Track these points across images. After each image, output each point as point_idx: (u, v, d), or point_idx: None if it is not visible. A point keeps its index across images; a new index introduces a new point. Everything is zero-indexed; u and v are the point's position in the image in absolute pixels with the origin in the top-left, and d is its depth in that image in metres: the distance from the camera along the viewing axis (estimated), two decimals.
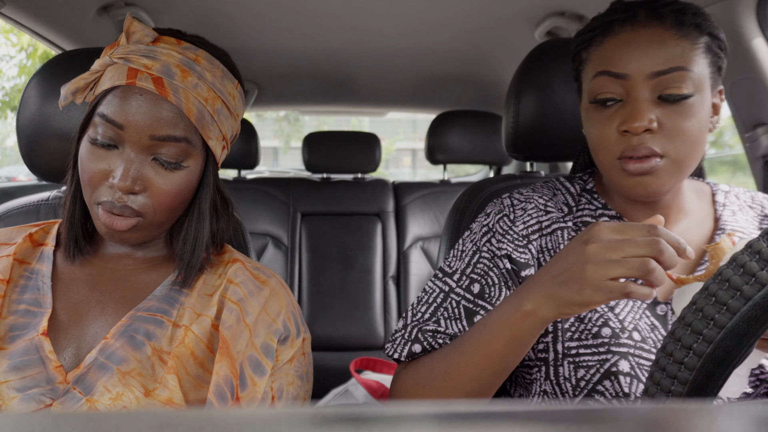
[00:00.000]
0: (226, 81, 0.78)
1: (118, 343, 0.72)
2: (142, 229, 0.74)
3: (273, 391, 0.74)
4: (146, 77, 0.71)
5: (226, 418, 0.22)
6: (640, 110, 0.72)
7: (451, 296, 0.81)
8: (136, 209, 0.72)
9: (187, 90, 0.73)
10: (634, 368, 0.75)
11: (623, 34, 0.75)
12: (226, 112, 0.78)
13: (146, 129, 0.70)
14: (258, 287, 0.78)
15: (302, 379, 0.77)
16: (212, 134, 0.76)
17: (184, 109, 0.72)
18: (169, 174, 0.73)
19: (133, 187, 0.71)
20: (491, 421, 0.23)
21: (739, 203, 0.87)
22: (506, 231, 0.82)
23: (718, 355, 0.44)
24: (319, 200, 2.26)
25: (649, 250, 0.58)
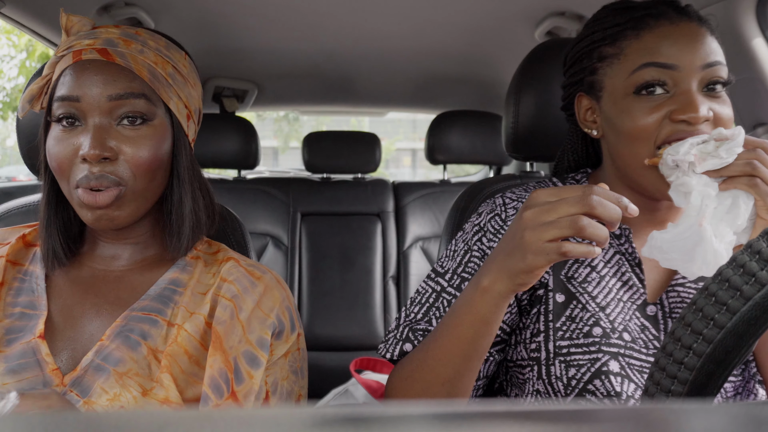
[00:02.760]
0: (173, 50, 0.79)
1: (113, 344, 0.72)
2: (127, 202, 0.73)
3: (267, 385, 0.74)
4: (90, 51, 0.72)
5: (226, 418, 0.22)
6: (696, 101, 0.72)
7: (442, 296, 0.81)
8: (114, 177, 0.71)
9: (134, 54, 0.73)
10: (624, 368, 0.75)
11: (663, 27, 0.75)
12: (180, 79, 0.78)
13: (102, 92, 0.71)
14: (252, 283, 0.78)
15: (297, 374, 0.77)
16: (171, 96, 0.76)
17: (135, 70, 0.73)
18: (137, 133, 0.72)
19: (104, 153, 0.70)
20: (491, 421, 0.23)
21: None
22: (497, 230, 0.82)
23: (718, 355, 0.44)
24: (319, 200, 2.26)
25: (579, 206, 0.58)
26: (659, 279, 0.81)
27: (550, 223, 0.59)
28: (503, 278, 0.63)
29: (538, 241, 0.59)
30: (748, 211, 0.68)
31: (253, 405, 0.72)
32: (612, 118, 0.78)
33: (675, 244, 0.67)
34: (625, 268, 0.80)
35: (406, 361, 0.77)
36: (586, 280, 0.80)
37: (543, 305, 0.80)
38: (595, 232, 0.58)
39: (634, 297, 0.79)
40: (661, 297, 0.80)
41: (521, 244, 0.61)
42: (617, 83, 0.77)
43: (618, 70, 0.77)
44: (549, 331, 0.78)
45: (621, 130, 0.76)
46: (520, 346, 0.81)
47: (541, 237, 0.59)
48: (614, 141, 0.79)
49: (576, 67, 0.84)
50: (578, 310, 0.78)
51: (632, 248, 0.80)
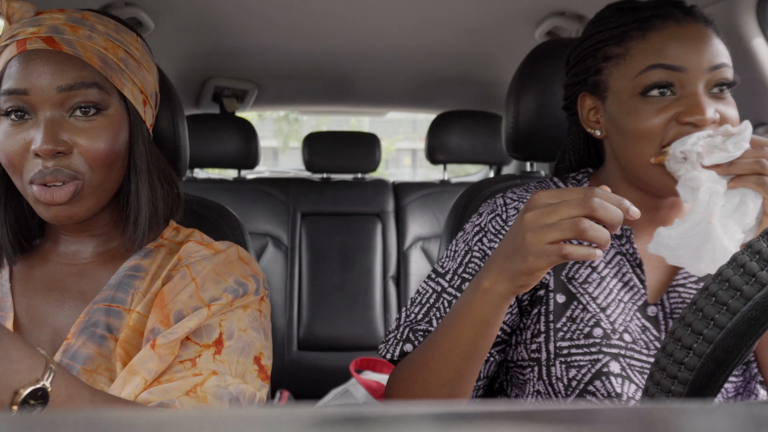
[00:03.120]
0: (123, 32, 0.75)
1: (79, 341, 0.70)
2: (85, 197, 0.70)
3: (222, 328, 0.70)
4: (35, 40, 0.69)
5: (226, 418, 0.22)
6: (703, 103, 0.72)
7: (443, 296, 0.81)
8: (70, 171, 0.68)
9: (82, 41, 0.70)
10: (624, 369, 0.75)
11: (670, 28, 0.75)
12: (133, 63, 0.74)
13: (51, 84, 0.67)
14: (212, 254, 0.76)
15: (258, 332, 0.74)
16: (125, 82, 0.72)
17: (84, 57, 0.69)
18: (91, 125, 0.69)
19: (57, 147, 0.67)
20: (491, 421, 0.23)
21: None
22: (498, 231, 0.82)
23: (718, 356, 0.44)
24: (319, 200, 2.26)
25: (580, 209, 0.58)
26: (660, 280, 0.81)
27: (552, 225, 0.59)
28: (504, 280, 0.63)
29: (539, 243, 0.59)
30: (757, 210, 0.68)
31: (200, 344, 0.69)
32: (617, 119, 0.77)
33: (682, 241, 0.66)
34: (626, 269, 0.80)
35: (406, 362, 0.77)
36: (586, 281, 0.80)
37: (543, 306, 0.80)
38: (597, 234, 0.58)
39: (635, 298, 0.79)
40: (661, 298, 0.79)
41: (522, 245, 0.60)
42: (623, 84, 0.77)
43: (624, 70, 0.77)
44: (549, 332, 0.78)
45: (627, 131, 0.76)
46: (521, 347, 0.81)
47: (542, 239, 0.59)
48: (619, 141, 0.78)
49: (579, 67, 0.83)
50: (579, 310, 0.78)
51: (633, 249, 0.80)
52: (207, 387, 0.66)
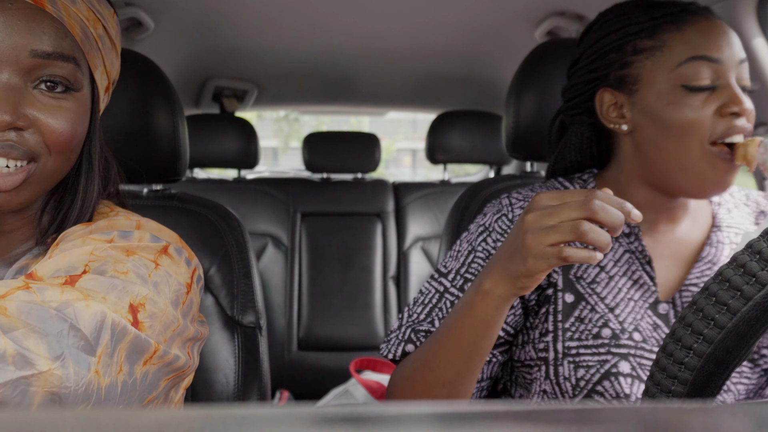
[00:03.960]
0: (103, 5, 0.65)
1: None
2: (32, 184, 0.59)
3: (87, 267, 0.56)
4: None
5: (226, 418, 0.22)
6: (740, 94, 0.74)
7: (445, 296, 0.81)
8: (26, 148, 0.57)
9: (65, 3, 0.59)
10: (635, 369, 0.75)
11: (702, 23, 0.76)
12: (108, 43, 0.65)
13: (24, 44, 0.56)
14: (87, 226, 0.63)
15: (146, 282, 0.58)
16: (98, 64, 0.63)
17: (67, 24, 0.58)
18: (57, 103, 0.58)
19: (16, 121, 0.55)
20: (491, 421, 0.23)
21: (734, 201, 0.87)
22: (504, 230, 0.81)
23: (718, 356, 0.44)
24: (319, 200, 2.26)
25: (581, 211, 0.58)
26: (672, 278, 0.81)
27: (552, 227, 0.59)
28: (504, 281, 0.63)
29: (539, 245, 0.59)
30: None
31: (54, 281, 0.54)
32: (657, 111, 0.77)
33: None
34: (636, 267, 0.80)
35: (407, 362, 0.77)
36: (594, 280, 0.79)
37: (552, 305, 0.79)
38: (597, 237, 0.58)
39: (645, 296, 0.79)
40: (674, 296, 0.79)
41: (522, 247, 0.60)
42: (660, 75, 0.76)
43: (661, 62, 0.76)
44: (558, 331, 0.78)
45: (670, 123, 0.76)
46: (528, 346, 0.81)
47: (542, 241, 0.59)
48: (656, 134, 0.77)
49: (599, 63, 0.82)
50: (587, 311, 0.78)
51: (642, 246, 0.79)
52: (9, 299, 0.49)
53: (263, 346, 0.98)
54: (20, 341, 0.48)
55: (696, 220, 0.84)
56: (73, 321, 0.50)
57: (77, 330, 0.50)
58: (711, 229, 0.83)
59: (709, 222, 0.84)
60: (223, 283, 0.97)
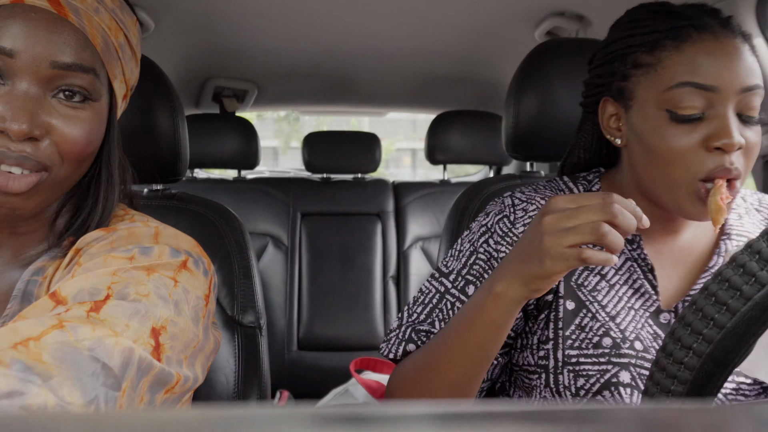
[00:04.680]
0: (126, 13, 0.65)
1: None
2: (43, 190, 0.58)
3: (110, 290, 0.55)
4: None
5: (226, 418, 0.22)
6: (731, 126, 0.68)
7: (446, 297, 0.80)
8: (39, 160, 0.56)
9: (89, 13, 0.59)
10: (635, 379, 0.74)
11: (706, 42, 0.70)
12: (129, 51, 0.65)
13: (45, 54, 0.56)
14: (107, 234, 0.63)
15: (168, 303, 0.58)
16: (117, 73, 0.63)
17: (89, 35, 0.58)
18: (74, 113, 0.58)
19: (32, 131, 0.55)
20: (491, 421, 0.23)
21: (746, 206, 0.84)
22: (506, 233, 0.80)
23: (718, 355, 0.44)
24: (319, 200, 2.26)
25: (601, 214, 0.58)
26: (674, 287, 0.79)
27: (571, 229, 0.58)
28: (517, 284, 0.63)
29: (558, 246, 0.59)
30: None
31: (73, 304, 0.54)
32: (642, 134, 0.74)
33: None
34: (637, 275, 0.78)
35: (409, 362, 0.76)
36: (595, 288, 0.78)
37: (553, 312, 0.78)
38: (614, 239, 0.58)
39: (646, 304, 0.77)
40: (676, 305, 0.77)
41: (540, 249, 0.60)
42: (651, 96, 0.72)
43: (653, 81, 0.72)
44: (558, 339, 0.77)
45: (652, 150, 0.72)
46: (527, 351, 0.80)
47: (561, 242, 0.59)
48: (641, 157, 0.75)
49: (605, 69, 0.78)
50: (588, 319, 0.77)
51: (644, 254, 0.78)
52: (44, 342, 0.49)
53: (263, 346, 0.98)
54: (57, 390, 0.47)
55: (703, 228, 0.81)
56: (104, 360, 0.50)
57: (108, 369, 0.50)
58: (720, 237, 0.80)
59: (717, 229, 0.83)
60: (223, 283, 0.97)
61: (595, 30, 1.51)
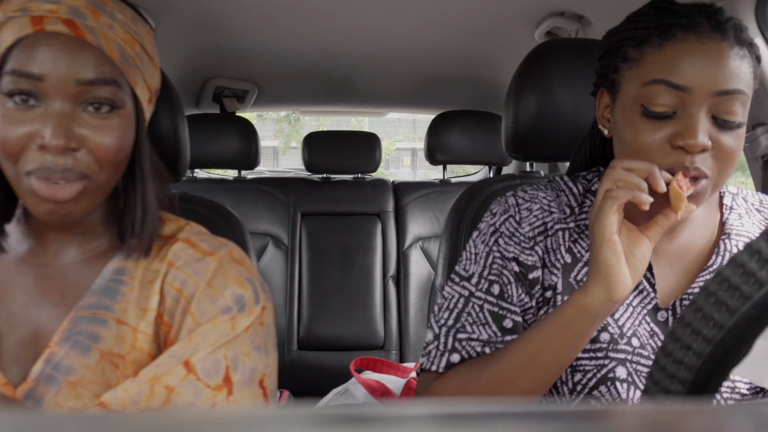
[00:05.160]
0: (139, 24, 0.71)
1: (63, 350, 0.66)
2: (87, 196, 0.65)
3: (227, 360, 0.66)
4: (54, 21, 0.63)
5: (226, 418, 0.22)
6: (698, 128, 0.68)
7: (472, 300, 0.80)
8: (79, 170, 0.63)
9: (103, 30, 0.65)
10: (631, 374, 0.74)
11: (688, 42, 0.70)
12: (146, 58, 0.71)
13: (70, 74, 0.62)
14: (204, 263, 0.70)
15: (260, 351, 0.69)
16: (138, 80, 0.69)
17: (106, 50, 0.65)
18: (104, 122, 0.65)
19: (70, 144, 0.62)
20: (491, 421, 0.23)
21: (747, 206, 0.85)
22: (512, 233, 0.81)
23: (717, 355, 0.44)
24: (319, 200, 2.26)
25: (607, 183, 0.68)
26: (672, 286, 0.79)
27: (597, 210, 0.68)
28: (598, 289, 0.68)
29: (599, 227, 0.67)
30: None
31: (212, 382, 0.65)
32: (619, 125, 0.76)
33: None
34: None
35: (466, 377, 0.76)
36: None
37: (551, 308, 0.79)
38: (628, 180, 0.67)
39: (644, 302, 0.78)
40: (674, 303, 0.78)
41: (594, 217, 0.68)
42: (630, 90, 0.74)
43: (634, 76, 0.74)
44: None
45: (624, 141, 0.74)
46: None
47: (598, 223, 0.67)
48: (618, 148, 0.77)
49: (604, 61, 0.80)
50: None
51: None
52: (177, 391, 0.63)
53: None
54: None
55: (701, 226, 0.81)
56: None
57: None
58: (720, 236, 0.81)
59: (717, 228, 0.82)
60: None
61: (595, 30, 1.51)
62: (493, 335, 0.78)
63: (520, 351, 0.72)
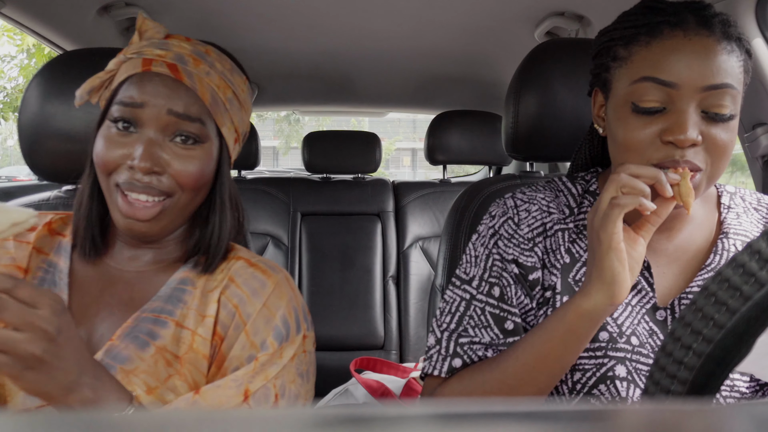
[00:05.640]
0: (235, 74, 0.81)
1: (122, 344, 0.72)
2: (166, 216, 0.74)
3: (276, 389, 0.72)
4: (161, 64, 0.74)
5: (226, 418, 0.22)
6: (688, 123, 0.69)
7: (473, 303, 0.81)
8: (161, 189, 0.72)
9: (200, 75, 0.75)
10: (630, 373, 0.74)
11: (674, 39, 0.71)
12: (236, 104, 0.80)
13: (165, 105, 0.72)
14: (262, 283, 0.77)
15: (303, 377, 0.76)
16: (225, 121, 0.78)
17: (198, 92, 0.74)
18: (187, 152, 0.74)
19: (153, 167, 0.71)
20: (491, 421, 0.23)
21: (745, 205, 0.85)
22: (511, 235, 0.82)
23: (717, 355, 0.44)
24: (319, 200, 2.26)
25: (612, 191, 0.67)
26: (671, 285, 0.80)
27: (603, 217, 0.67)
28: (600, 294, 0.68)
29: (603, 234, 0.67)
30: None
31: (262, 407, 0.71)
32: (611, 123, 0.77)
33: None
34: None
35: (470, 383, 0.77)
36: None
37: (551, 308, 0.79)
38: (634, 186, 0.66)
39: (642, 301, 0.78)
40: (672, 302, 0.78)
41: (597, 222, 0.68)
42: (620, 89, 0.75)
43: (624, 74, 0.75)
44: None
45: (616, 138, 0.76)
46: None
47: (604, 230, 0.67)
48: (611, 146, 0.78)
49: (597, 60, 0.81)
50: None
51: None
52: None
53: None
54: None
55: (699, 226, 0.82)
56: None
57: None
58: (718, 235, 0.81)
59: (715, 227, 0.82)
60: None
61: (595, 30, 1.51)
62: (495, 338, 0.79)
63: (523, 358, 0.72)
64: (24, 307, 0.57)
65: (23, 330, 0.56)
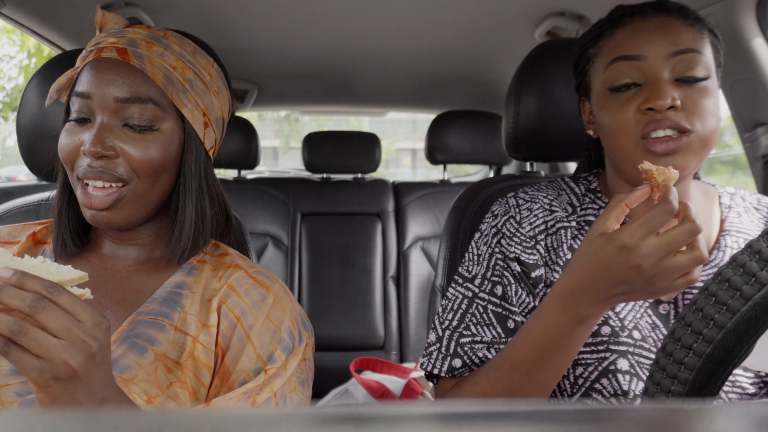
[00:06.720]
0: (198, 56, 0.78)
1: (120, 350, 0.71)
2: (126, 204, 0.73)
3: (276, 398, 0.72)
4: (111, 50, 0.74)
5: (226, 418, 0.22)
6: (663, 89, 0.73)
7: (476, 301, 0.81)
8: (114, 173, 0.71)
9: (152, 56, 0.74)
10: (633, 366, 0.75)
11: (635, 23, 0.77)
12: (200, 85, 0.77)
13: (111, 93, 0.72)
14: (262, 296, 0.76)
15: (303, 385, 0.76)
16: (186, 102, 0.76)
17: (148, 73, 0.73)
18: (141, 138, 0.73)
19: (103, 151, 0.71)
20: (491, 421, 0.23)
21: (745, 205, 0.86)
22: (513, 233, 0.82)
23: (718, 355, 0.44)
24: (319, 200, 2.26)
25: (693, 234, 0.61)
26: None
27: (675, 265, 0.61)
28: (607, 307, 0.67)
29: (670, 281, 0.62)
30: None
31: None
32: (598, 117, 0.81)
33: None
34: None
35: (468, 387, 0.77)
36: None
37: None
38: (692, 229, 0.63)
39: None
40: (676, 297, 0.79)
41: (651, 290, 0.63)
42: (597, 83, 0.80)
43: (597, 68, 0.80)
44: None
45: (603, 126, 0.79)
46: None
47: (672, 278, 0.62)
48: (603, 138, 0.81)
49: (575, 71, 0.87)
50: None
51: None
52: None
53: None
54: None
55: (702, 223, 0.81)
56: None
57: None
58: (720, 233, 0.83)
59: (716, 225, 0.84)
60: None
61: None
62: (497, 336, 0.79)
63: (523, 365, 0.72)
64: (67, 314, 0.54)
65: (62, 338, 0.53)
